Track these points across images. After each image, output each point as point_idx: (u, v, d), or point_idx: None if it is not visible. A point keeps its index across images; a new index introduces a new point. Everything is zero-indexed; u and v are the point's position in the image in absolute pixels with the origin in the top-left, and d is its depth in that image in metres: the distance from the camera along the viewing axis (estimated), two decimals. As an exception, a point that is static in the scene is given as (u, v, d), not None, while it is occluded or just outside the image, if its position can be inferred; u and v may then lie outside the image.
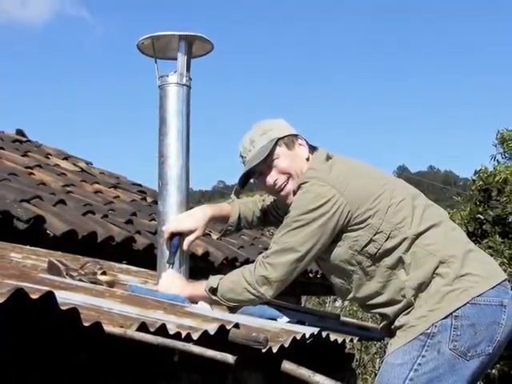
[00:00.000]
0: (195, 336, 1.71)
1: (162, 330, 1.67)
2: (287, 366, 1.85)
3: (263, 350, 1.83)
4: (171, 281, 2.57)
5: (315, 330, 2.17)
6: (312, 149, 2.54)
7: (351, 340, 2.66)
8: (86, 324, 1.53)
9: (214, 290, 2.42)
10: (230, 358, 1.58)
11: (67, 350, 2.01)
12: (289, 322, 2.46)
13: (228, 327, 1.86)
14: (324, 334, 2.29)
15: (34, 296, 1.50)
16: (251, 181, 2.63)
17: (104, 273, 2.50)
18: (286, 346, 1.92)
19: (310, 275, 5.40)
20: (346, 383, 1.80)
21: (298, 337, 2.03)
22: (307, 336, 2.10)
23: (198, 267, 3.62)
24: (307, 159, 2.50)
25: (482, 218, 8.93)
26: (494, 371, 8.42)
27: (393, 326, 2.38)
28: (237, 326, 1.92)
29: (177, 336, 1.68)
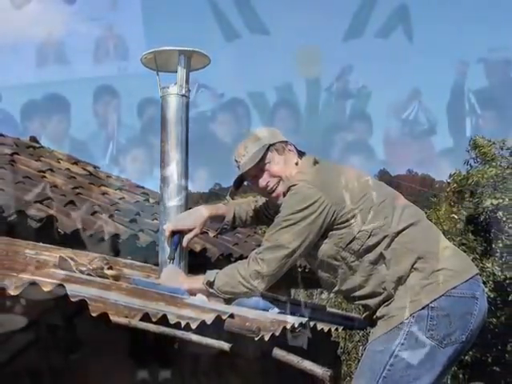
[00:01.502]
0: (194, 325, 1.71)
1: (163, 320, 1.67)
2: (278, 352, 1.85)
3: (256, 339, 1.83)
4: (172, 275, 2.56)
5: (303, 320, 2.17)
6: (300, 154, 2.55)
7: (336, 329, 2.67)
8: (94, 314, 1.53)
9: (211, 284, 2.42)
10: (225, 346, 1.59)
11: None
12: (279, 312, 2.46)
13: (224, 317, 1.86)
14: (312, 323, 2.30)
15: (47, 289, 1.50)
16: (245, 183, 2.64)
17: (110, 268, 2.50)
18: (277, 334, 1.92)
19: (299, 270, 5.39)
20: (331, 369, 1.80)
21: (288, 326, 2.03)
22: (296, 326, 2.10)
23: (196, 262, 3.62)
24: (296, 164, 2.51)
25: (456, 217, 8.96)
26: (467, 357, 8.43)
27: (374, 316, 2.39)
28: (232, 316, 1.92)
29: (177, 325, 1.68)
